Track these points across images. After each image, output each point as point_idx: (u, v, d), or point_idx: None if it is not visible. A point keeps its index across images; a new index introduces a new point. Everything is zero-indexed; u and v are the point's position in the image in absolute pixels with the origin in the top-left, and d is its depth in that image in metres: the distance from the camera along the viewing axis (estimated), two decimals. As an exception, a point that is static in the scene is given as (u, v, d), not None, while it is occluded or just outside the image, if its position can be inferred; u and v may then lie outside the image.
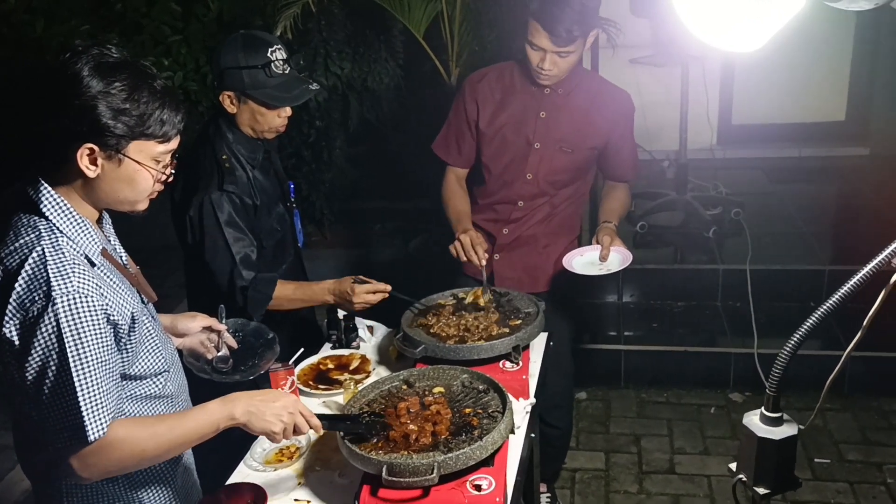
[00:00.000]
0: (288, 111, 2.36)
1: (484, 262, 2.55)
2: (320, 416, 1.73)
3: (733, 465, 1.36)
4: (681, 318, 4.28)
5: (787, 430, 1.28)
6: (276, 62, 2.28)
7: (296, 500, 1.87)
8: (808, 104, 5.76)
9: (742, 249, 4.33)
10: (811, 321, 1.19)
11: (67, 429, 1.43)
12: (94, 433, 1.42)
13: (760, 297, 4.05)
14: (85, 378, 1.42)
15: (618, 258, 2.59)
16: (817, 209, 5.09)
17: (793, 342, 1.21)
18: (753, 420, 1.31)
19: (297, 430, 1.66)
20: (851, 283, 1.15)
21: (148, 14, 4.24)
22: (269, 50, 2.28)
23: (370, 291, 2.34)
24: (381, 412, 1.89)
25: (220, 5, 4.28)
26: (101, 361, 1.44)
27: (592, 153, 2.71)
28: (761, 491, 1.30)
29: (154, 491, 1.68)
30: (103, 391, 1.44)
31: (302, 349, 2.36)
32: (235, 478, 1.94)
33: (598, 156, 2.75)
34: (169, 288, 4.25)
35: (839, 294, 1.16)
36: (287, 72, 2.32)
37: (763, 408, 1.29)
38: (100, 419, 1.43)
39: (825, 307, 1.18)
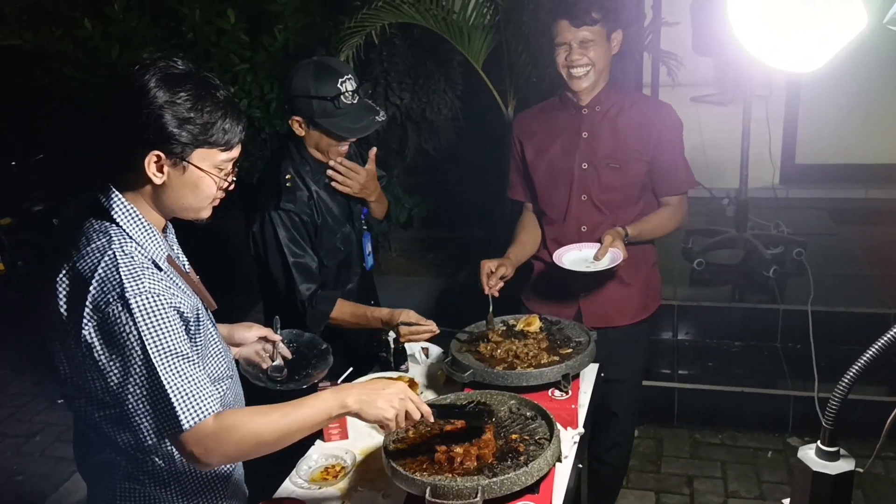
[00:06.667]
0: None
1: (494, 293, 2.56)
2: (430, 405, 1.74)
3: (786, 501, 1.31)
4: (738, 358, 4.17)
5: (844, 466, 1.23)
6: (345, 94, 2.35)
7: (339, 518, 1.87)
8: (875, 145, 5.63)
9: (804, 290, 4.21)
10: (872, 351, 1.15)
11: (161, 420, 1.46)
12: (188, 420, 1.45)
13: (822, 339, 3.93)
14: (169, 369, 1.45)
15: (609, 258, 2.55)
16: (883, 251, 4.91)
17: (852, 373, 1.17)
18: (808, 454, 1.26)
19: (408, 417, 1.66)
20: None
21: (217, 43, 4.39)
22: (340, 81, 2.35)
23: (414, 333, 2.39)
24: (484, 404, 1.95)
25: (286, 36, 4.41)
26: (182, 354, 1.48)
27: (641, 166, 2.66)
28: (816, 528, 1.25)
29: (204, 499, 1.69)
30: (189, 378, 1.47)
31: (350, 369, 2.38)
32: (280, 494, 1.94)
33: (650, 172, 2.70)
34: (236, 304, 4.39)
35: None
36: (356, 101, 2.39)
37: (819, 442, 1.25)
38: (192, 406, 1.46)
39: (887, 338, 1.13)
